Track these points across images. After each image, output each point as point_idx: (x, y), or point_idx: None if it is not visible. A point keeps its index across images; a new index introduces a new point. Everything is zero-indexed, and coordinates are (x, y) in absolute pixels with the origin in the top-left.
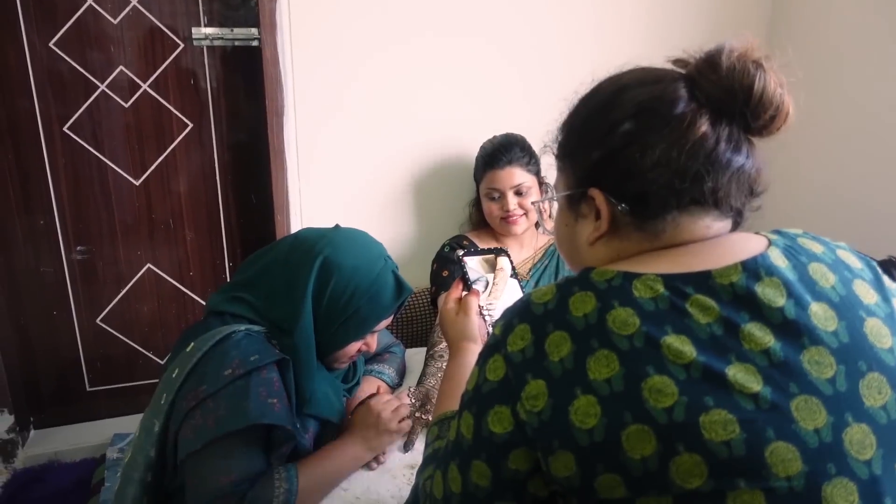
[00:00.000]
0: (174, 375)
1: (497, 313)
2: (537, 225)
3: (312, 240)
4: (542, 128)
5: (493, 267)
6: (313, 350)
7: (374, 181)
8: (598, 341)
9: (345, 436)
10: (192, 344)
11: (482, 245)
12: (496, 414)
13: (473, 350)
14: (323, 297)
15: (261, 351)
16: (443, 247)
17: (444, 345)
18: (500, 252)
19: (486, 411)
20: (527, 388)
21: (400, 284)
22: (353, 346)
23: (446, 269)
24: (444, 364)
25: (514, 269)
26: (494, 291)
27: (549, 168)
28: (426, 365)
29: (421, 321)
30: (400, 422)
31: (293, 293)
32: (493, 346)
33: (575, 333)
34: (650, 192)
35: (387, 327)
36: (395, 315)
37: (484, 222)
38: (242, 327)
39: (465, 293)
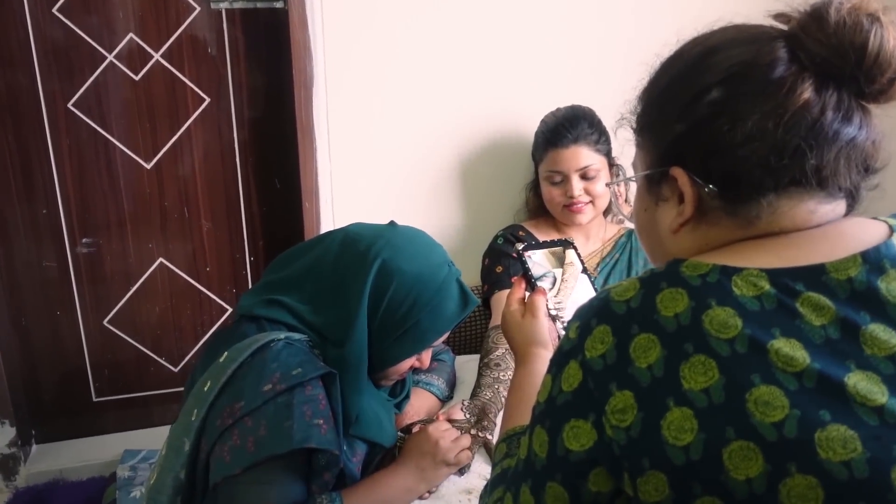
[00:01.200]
0: (206, 389)
1: (568, 314)
2: (606, 212)
3: (368, 239)
4: (615, 99)
5: (560, 261)
6: (365, 365)
7: (416, 162)
8: (693, 345)
9: (397, 463)
10: (226, 353)
11: (541, 237)
12: (573, 429)
13: (544, 356)
14: (379, 306)
15: (304, 363)
16: (495, 238)
17: (500, 351)
18: (566, 244)
19: (561, 426)
20: (612, 400)
21: (465, 295)
22: (407, 363)
23: (500, 264)
24: (502, 374)
25: (583, 263)
26: (563, 289)
27: (626, 146)
28: (481, 375)
29: (471, 325)
30: (460, 453)
31: (345, 299)
32: (568, 352)
33: (665, 336)
34: (741, 170)
35: None
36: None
37: (543, 210)
38: (282, 335)
39: (528, 293)
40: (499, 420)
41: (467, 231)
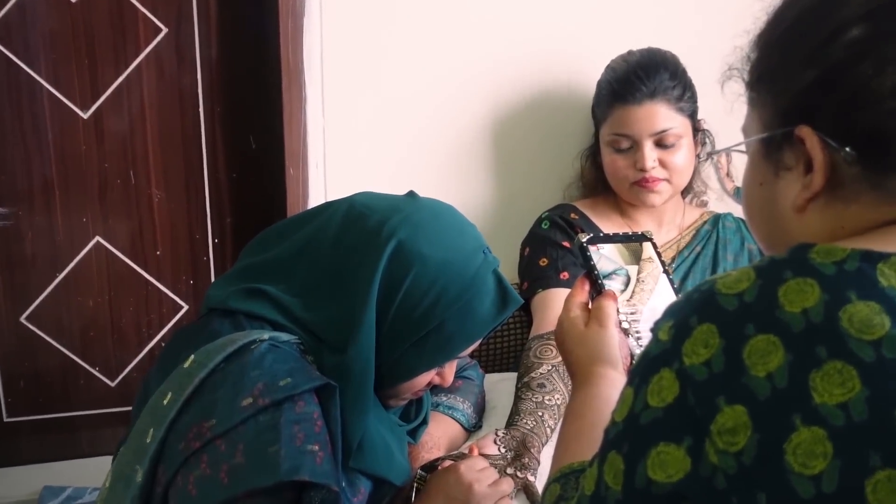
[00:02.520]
0: (165, 402)
1: (645, 326)
2: (685, 192)
3: (380, 213)
4: (709, 44)
5: (635, 256)
6: (371, 377)
7: (435, 119)
8: (827, 349)
9: None
10: (192, 357)
11: (599, 221)
12: (660, 455)
13: (613, 378)
14: (392, 301)
15: (295, 372)
16: (539, 222)
17: (545, 368)
18: (642, 238)
19: (644, 451)
20: (719, 418)
21: (504, 292)
22: (424, 378)
23: (545, 255)
24: (547, 397)
25: (663, 262)
26: (638, 293)
27: (715, 111)
28: (520, 398)
29: (505, 334)
30: (498, 501)
31: (348, 291)
32: (659, 359)
33: (790, 338)
34: (889, 129)
35: None
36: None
37: (603, 185)
38: (265, 335)
39: (594, 295)
40: (543, 457)
41: (501, 211)
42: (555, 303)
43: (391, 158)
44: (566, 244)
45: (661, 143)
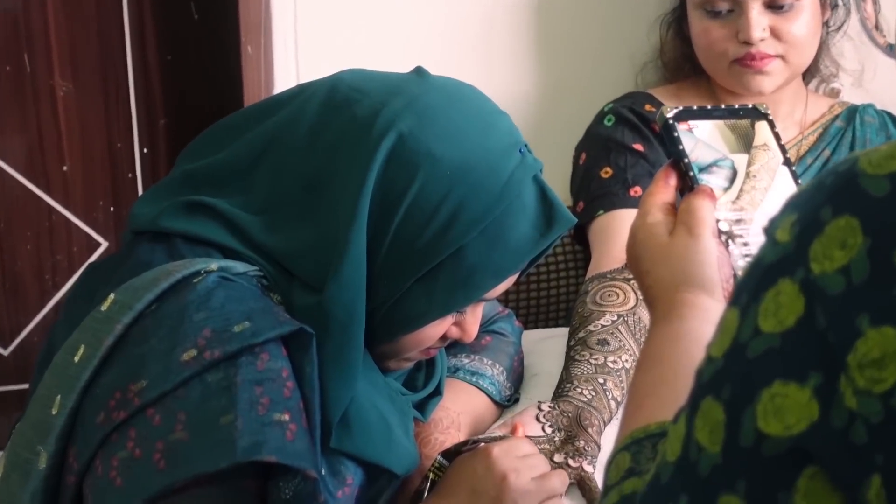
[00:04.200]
0: (77, 359)
1: (755, 238)
2: (807, 77)
3: (373, 97)
4: None
5: (744, 141)
6: (360, 325)
7: None
8: None
9: None
10: (112, 297)
11: None
12: (776, 399)
13: (706, 308)
14: (390, 219)
15: (255, 314)
16: (601, 117)
17: (608, 320)
18: (756, 113)
19: (753, 395)
20: (860, 345)
21: (550, 207)
22: (437, 329)
23: (608, 163)
24: (611, 358)
25: (784, 148)
26: (749, 193)
27: None
28: (572, 361)
29: (551, 273)
30: (544, 502)
31: (329, 204)
32: (776, 267)
33: None
34: None
35: None
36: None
37: (692, 66)
38: (213, 264)
39: (683, 193)
40: (605, 440)
41: (545, 103)
42: (622, 229)
43: (390, 30)
44: (638, 147)
45: (773, 5)
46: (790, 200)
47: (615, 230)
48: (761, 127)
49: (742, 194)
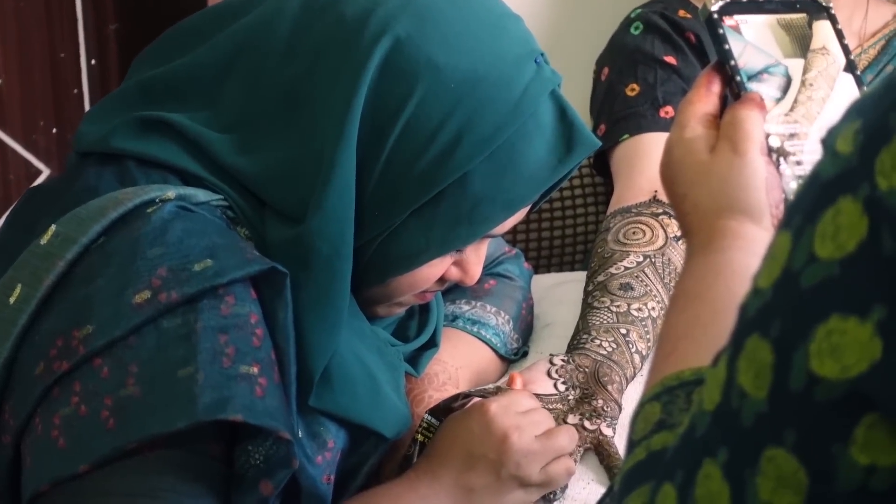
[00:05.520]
0: (12, 301)
1: (810, 156)
2: None
3: None
4: None
5: (800, 43)
6: (347, 263)
7: None
8: None
9: (417, 472)
10: (53, 229)
11: None
12: (832, 336)
13: (752, 237)
14: (383, 139)
15: (219, 250)
16: (627, 24)
17: (632, 261)
18: (816, 7)
19: (807, 332)
20: None
21: (569, 128)
22: (434, 270)
23: (635, 79)
24: (634, 305)
25: (847, 49)
26: (805, 103)
27: None
28: (590, 308)
29: (566, 206)
30: (553, 464)
31: (311, 121)
32: (836, 182)
33: None
34: None
35: None
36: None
37: None
38: (170, 191)
39: (727, 101)
40: (627, 399)
41: (561, 5)
42: (650, 155)
43: None
44: (670, 60)
45: None
46: (853, 106)
47: (642, 157)
48: (820, 27)
49: (797, 105)
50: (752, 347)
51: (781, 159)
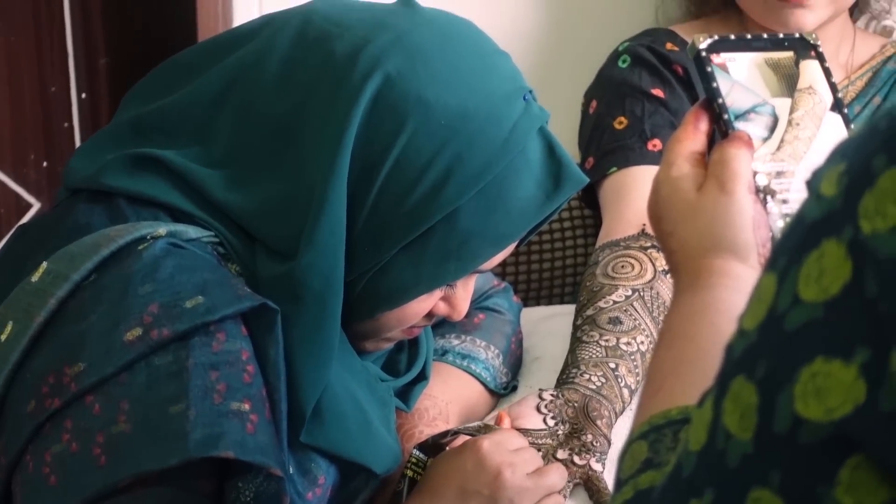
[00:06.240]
0: (3, 338)
1: (796, 195)
2: (854, 12)
3: (355, 32)
4: None
5: (787, 82)
6: (338, 299)
7: None
8: None
9: None
10: (45, 266)
11: None
12: (817, 378)
13: (738, 276)
14: (373, 175)
15: (210, 286)
16: (615, 58)
17: (621, 295)
18: (803, 44)
19: (792, 373)
20: None
21: (557, 165)
22: (423, 305)
23: (622, 112)
24: (623, 340)
25: (835, 87)
26: (791, 143)
27: None
28: (579, 343)
29: (556, 241)
30: (542, 500)
31: (301, 157)
32: (820, 225)
33: None
34: None
35: None
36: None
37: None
38: (161, 228)
39: (715, 139)
40: (617, 434)
41: (551, 40)
42: (638, 188)
43: None
44: (658, 93)
45: None
46: (838, 148)
47: (630, 190)
48: (807, 66)
49: (783, 144)
50: (738, 389)
51: (769, 198)
